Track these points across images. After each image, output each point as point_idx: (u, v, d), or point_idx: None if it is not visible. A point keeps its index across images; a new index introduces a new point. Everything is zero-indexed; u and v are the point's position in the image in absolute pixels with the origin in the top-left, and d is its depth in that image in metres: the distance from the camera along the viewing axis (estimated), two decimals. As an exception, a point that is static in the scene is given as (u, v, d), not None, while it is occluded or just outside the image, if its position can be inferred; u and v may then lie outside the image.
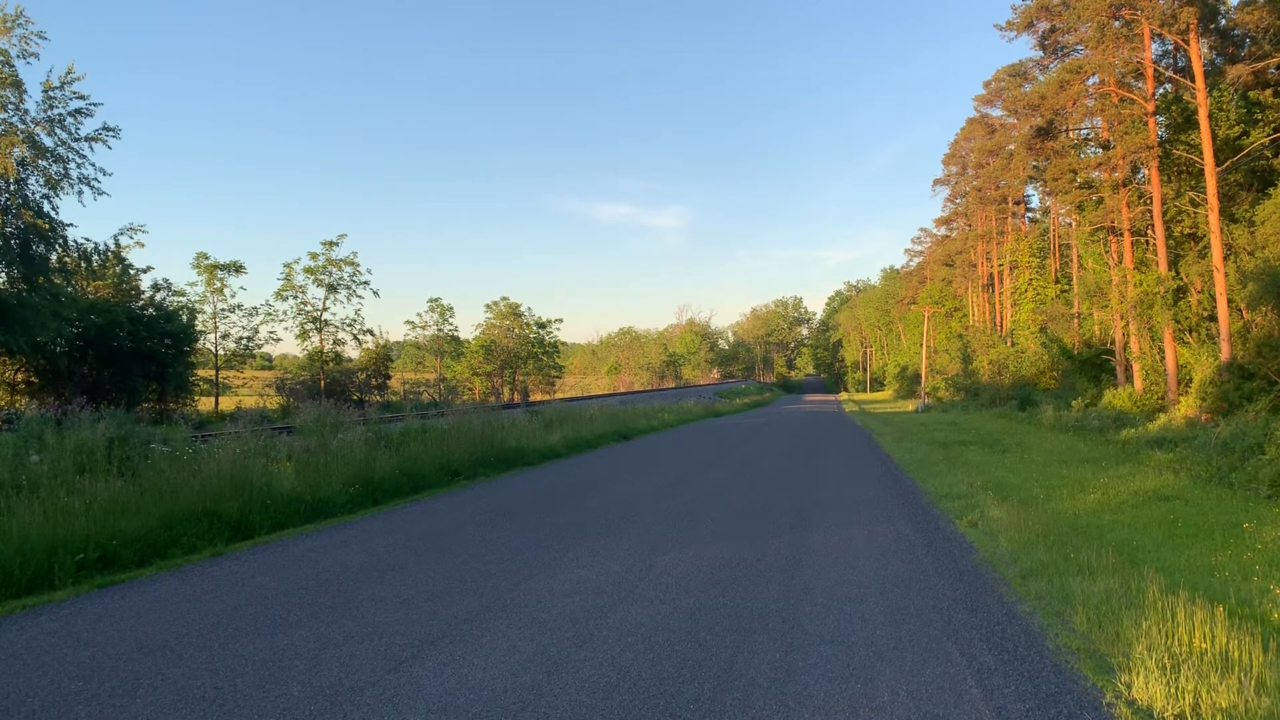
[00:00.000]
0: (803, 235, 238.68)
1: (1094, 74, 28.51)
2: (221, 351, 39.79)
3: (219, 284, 39.22)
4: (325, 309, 42.87)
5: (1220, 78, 26.71)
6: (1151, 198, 27.10)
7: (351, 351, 44.34)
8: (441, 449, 15.06)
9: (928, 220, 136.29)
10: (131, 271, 33.84)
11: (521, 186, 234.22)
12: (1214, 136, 24.66)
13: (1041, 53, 32.18)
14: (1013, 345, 50.89)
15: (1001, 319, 58.56)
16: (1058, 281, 48.73)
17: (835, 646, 5.38)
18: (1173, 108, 28.12)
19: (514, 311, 62.62)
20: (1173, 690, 4.39)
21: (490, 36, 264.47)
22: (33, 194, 25.47)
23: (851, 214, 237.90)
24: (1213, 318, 25.37)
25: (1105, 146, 31.35)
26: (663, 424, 31.45)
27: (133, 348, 30.11)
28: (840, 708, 4.39)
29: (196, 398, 36.43)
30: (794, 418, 42.57)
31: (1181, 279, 27.67)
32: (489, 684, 4.75)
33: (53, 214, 25.86)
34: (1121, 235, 30.36)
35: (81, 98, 25.90)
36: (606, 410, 30.08)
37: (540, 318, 64.15)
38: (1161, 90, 28.61)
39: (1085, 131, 35.26)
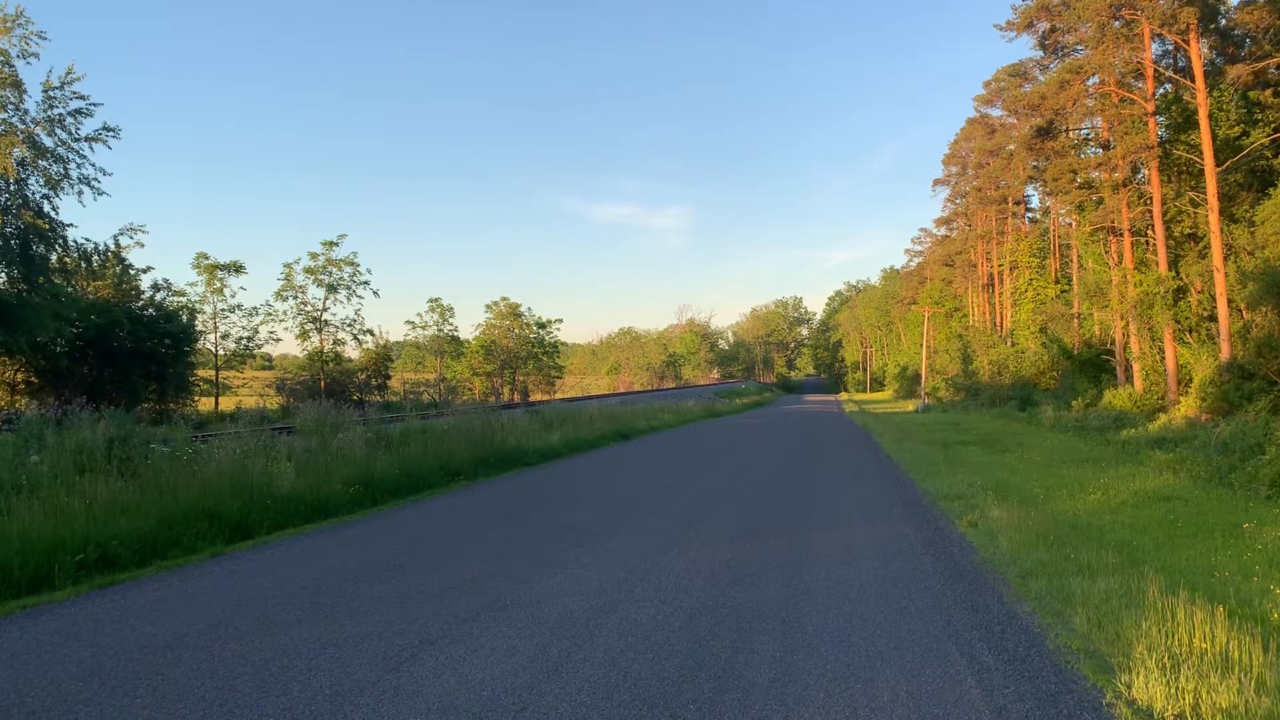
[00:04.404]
0: (803, 235, 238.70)
1: (1094, 74, 28.50)
2: (221, 351, 39.75)
3: (219, 284, 39.15)
4: (325, 309, 42.82)
5: (1220, 78, 26.72)
6: (1151, 198, 27.09)
7: (351, 351, 44.34)
8: (441, 449, 15.06)
9: (928, 220, 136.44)
10: (131, 272, 33.80)
11: (522, 186, 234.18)
12: (1214, 136, 24.65)
13: (1041, 53, 32.23)
14: (1013, 345, 50.91)
15: (1001, 319, 58.57)
16: (1058, 282, 48.74)
17: (835, 647, 5.38)
18: (1173, 108, 28.12)
19: (514, 311, 62.60)
20: (1173, 690, 4.39)
21: (490, 37, 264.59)
22: (33, 194, 25.43)
23: (851, 214, 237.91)
24: (1213, 318, 25.37)
25: (1105, 146, 31.36)
26: (663, 424, 31.45)
27: (133, 348, 30.09)
28: (840, 708, 4.39)
29: (196, 398, 36.39)
30: (794, 418, 42.56)
31: (1181, 279, 27.67)
32: (489, 684, 4.75)
33: (53, 214, 25.81)
34: (1121, 235, 30.36)
35: (81, 98, 25.85)
36: (606, 410, 30.08)
37: (540, 318, 64.13)
38: (1161, 90, 28.60)
39: (1085, 131, 35.27)
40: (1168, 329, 26.38)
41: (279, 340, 49.15)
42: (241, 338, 40.53)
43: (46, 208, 25.68)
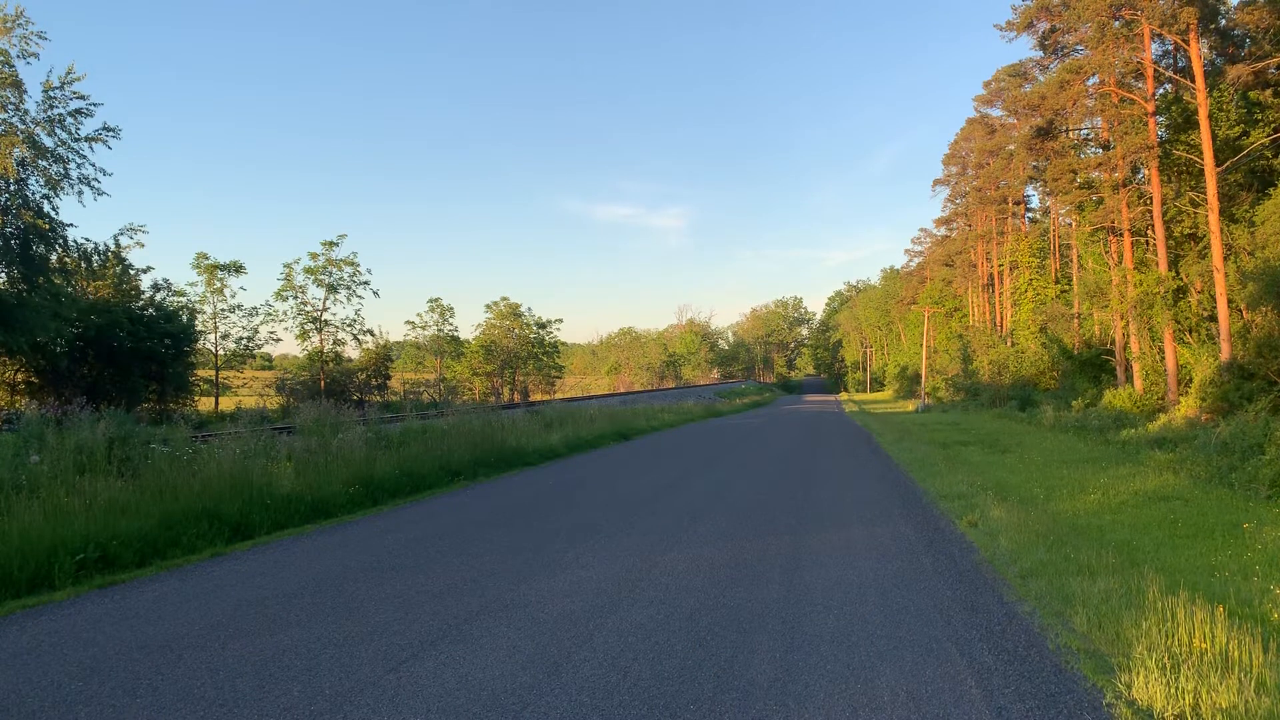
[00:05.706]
0: (803, 235, 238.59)
1: (1094, 74, 28.50)
2: (221, 351, 39.76)
3: (219, 284, 39.18)
4: (325, 309, 42.84)
5: (1220, 78, 26.70)
6: (1151, 198, 27.09)
7: (351, 351, 44.36)
8: (441, 449, 15.06)
9: (928, 220, 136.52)
10: (131, 272, 33.81)
11: (522, 186, 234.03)
12: (1214, 136, 24.64)
13: (1041, 53, 32.20)
14: (1013, 345, 50.88)
15: (1001, 319, 58.55)
16: (1058, 282, 48.72)
17: (835, 647, 5.38)
18: (1173, 108, 28.11)
19: (514, 311, 62.60)
20: (1173, 690, 4.39)
21: (491, 37, 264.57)
22: (33, 194, 25.45)
23: (851, 214, 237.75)
24: (1213, 318, 25.37)
25: (1105, 146, 31.36)
26: (663, 424, 31.44)
27: (133, 348, 30.10)
28: (840, 708, 4.39)
29: (196, 398, 36.39)
30: (794, 418, 42.56)
31: (1181, 279, 27.66)
32: (489, 684, 4.75)
33: (53, 214, 25.83)
34: (1121, 235, 30.35)
35: (81, 98, 25.87)
36: (606, 410, 30.08)
37: (540, 318, 64.13)
38: (1161, 90, 28.60)
39: (1085, 131, 35.27)
40: (1168, 329, 26.37)
41: (279, 340, 49.15)
42: (241, 338, 40.58)
43: (46, 208, 25.72)
